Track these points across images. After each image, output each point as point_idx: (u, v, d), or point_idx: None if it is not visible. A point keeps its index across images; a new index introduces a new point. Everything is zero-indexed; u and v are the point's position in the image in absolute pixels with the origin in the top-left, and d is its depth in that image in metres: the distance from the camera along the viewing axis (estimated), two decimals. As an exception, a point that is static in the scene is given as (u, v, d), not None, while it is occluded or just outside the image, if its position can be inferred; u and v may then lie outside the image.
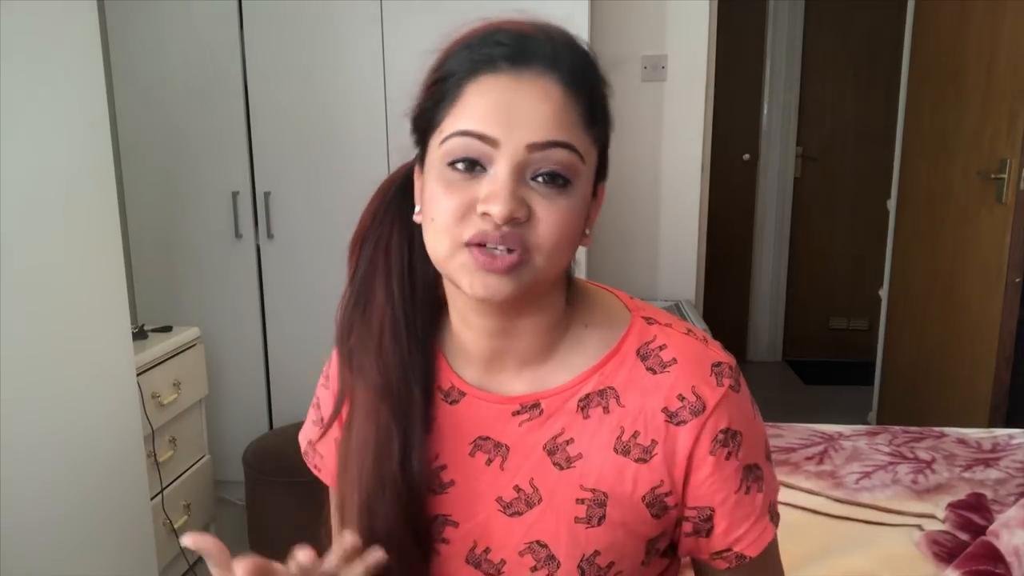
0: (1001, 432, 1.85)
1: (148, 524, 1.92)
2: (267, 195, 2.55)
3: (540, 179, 0.67)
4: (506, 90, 0.66)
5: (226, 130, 2.53)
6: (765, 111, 4.06)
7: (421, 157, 0.73)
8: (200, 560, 2.40)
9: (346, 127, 2.50)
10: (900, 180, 3.03)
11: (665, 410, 0.74)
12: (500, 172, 0.65)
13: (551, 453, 0.76)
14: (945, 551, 1.39)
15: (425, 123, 0.71)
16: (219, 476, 2.58)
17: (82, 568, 1.68)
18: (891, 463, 1.68)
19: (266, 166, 2.54)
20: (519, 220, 0.66)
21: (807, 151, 4.09)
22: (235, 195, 2.56)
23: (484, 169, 0.67)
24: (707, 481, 0.75)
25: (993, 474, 1.63)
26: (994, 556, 1.35)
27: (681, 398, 0.74)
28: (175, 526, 2.20)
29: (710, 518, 0.76)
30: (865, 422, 3.21)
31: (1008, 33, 2.33)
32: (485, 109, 0.66)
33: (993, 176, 2.35)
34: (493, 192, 0.65)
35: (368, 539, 0.73)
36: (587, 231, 0.74)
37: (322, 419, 0.87)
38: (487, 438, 0.78)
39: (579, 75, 0.68)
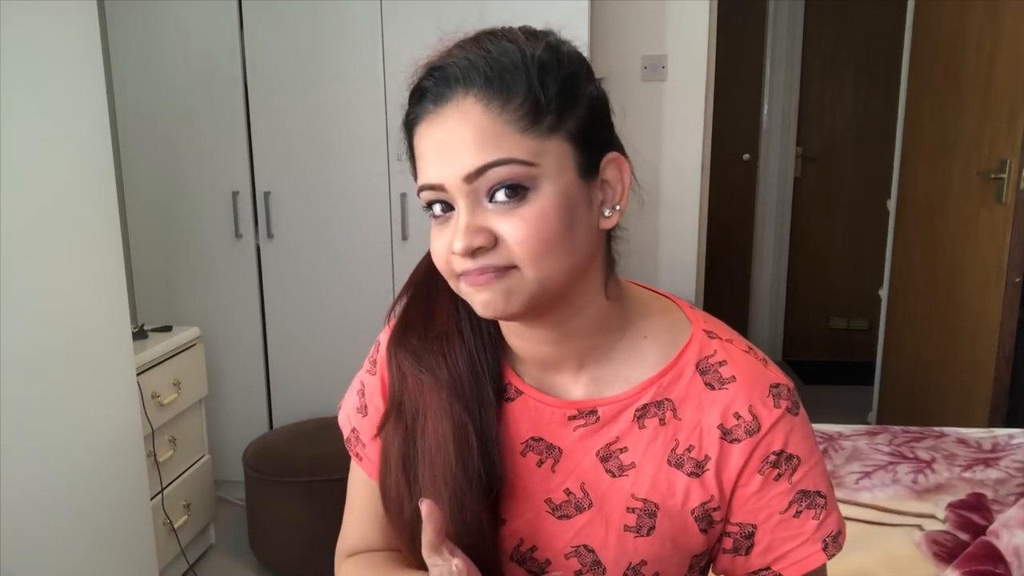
0: (1001, 432, 1.85)
1: (148, 524, 1.92)
2: (267, 195, 2.55)
3: (494, 201, 0.66)
4: (434, 132, 0.68)
5: (226, 130, 2.53)
6: (765, 111, 4.06)
7: None
8: (200, 560, 2.39)
9: (346, 127, 2.50)
10: (900, 180, 3.03)
11: (721, 427, 0.75)
12: (459, 209, 0.67)
13: (604, 460, 0.77)
14: (945, 551, 1.39)
15: (412, 164, 0.74)
16: (219, 476, 2.58)
17: (82, 567, 1.68)
18: (891, 463, 1.68)
19: (266, 166, 2.54)
20: (485, 248, 0.66)
21: (807, 151, 4.08)
22: (235, 195, 2.56)
23: (454, 208, 0.68)
24: (752, 499, 0.75)
25: (993, 474, 1.63)
26: (994, 556, 1.35)
27: (737, 416, 0.74)
28: (175, 526, 2.19)
29: (751, 535, 0.76)
30: (865, 422, 3.21)
31: (1008, 33, 2.33)
32: (426, 157, 0.69)
33: (993, 176, 2.35)
34: (455, 230, 0.67)
35: (461, 532, 0.73)
36: (606, 212, 0.71)
37: (366, 407, 0.86)
38: (540, 439, 0.78)
39: (497, 80, 0.66)
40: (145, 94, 2.53)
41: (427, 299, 0.79)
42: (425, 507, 0.68)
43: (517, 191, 0.66)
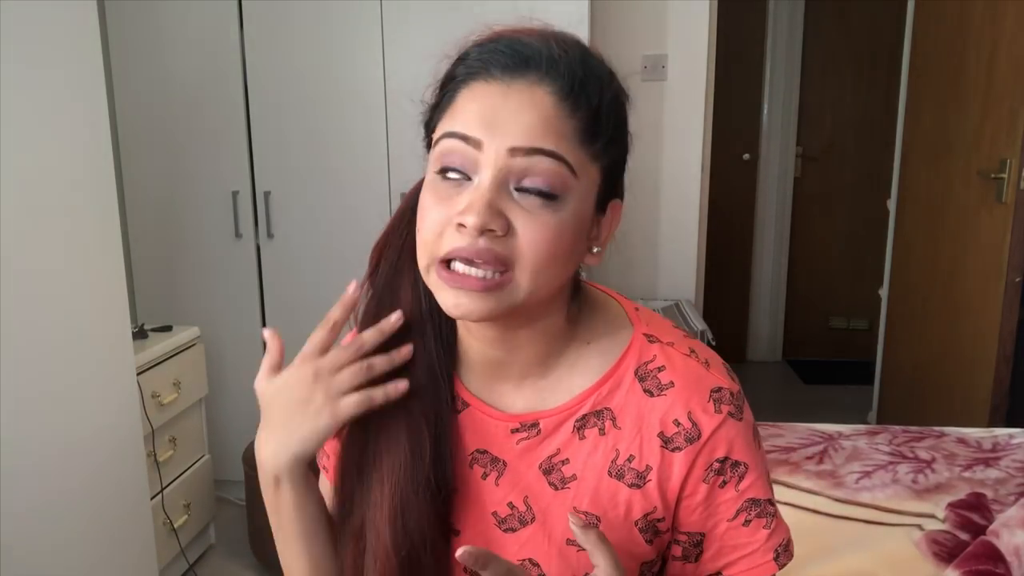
0: (1001, 432, 1.85)
1: (148, 524, 1.92)
2: (267, 195, 2.55)
3: (525, 191, 0.65)
4: (495, 96, 0.65)
5: (226, 130, 2.53)
6: (765, 111, 4.06)
7: None
8: (200, 560, 2.40)
9: (346, 127, 2.50)
10: (900, 180, 3.03)
11: (661, 435, 0.73)
12: (482, 180, 0.64)
13: (547, 473, 0.75)
14: (945, 551, 1.39)
15: (428, 127, 0.72)
16: (219, 476, 2.58)
17: (82, 567, 1.68)
18: (891, 463, 1.68)
19: (266, 166, 2.54)
20: (495, 233, 0.64)
21: (807, 151, 4.08)
22: (235, 195, 2.56)
23: (470, 179, 0.66)
24: (699, 508, 0.74)
25: (993, 474, 1.63)
26: (994, 556, 1.35)
27: (677, 423, 0.72)
28: (175, 526, 2.20)
29: (700, 543, 0.75)
30: (865, 422, 3.21)
31: (1008, 33, 2.33)
32: (472, 112, 0.66)
33: (993, 176, 2.35)
34: (471, 202, 0.64)
35: (401, 538, 0.72)
36: (594, 249, 0.72)
37: None
38: (485, 451, 0.77)
39: (579, 86, 0.66)
40: (145, 94, 2.53)
41: (388, 295, 0.77)
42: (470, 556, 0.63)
43: (543, 193, 0.65)
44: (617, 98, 0.70)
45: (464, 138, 0.65)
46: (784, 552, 0.75)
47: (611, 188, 0.72)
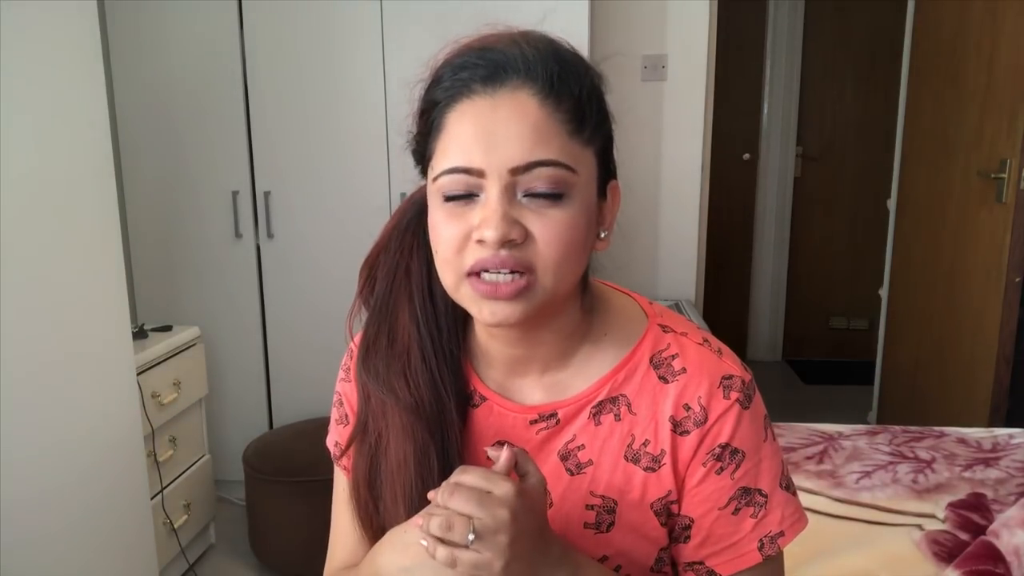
0: (1001, 432, 1.84)
1: (148, 524, 1.92)
2: (267, 195, 2.55)
3: (532, 195, 0.67)
4: (483, 114, 0.67)
5: (226, 130, 2.53)
6: (765, 111, 4.06)
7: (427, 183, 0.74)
8: (200, 560, 2.40)
9: (346, 127, 2.50)
10: (900, 180, 3.03)
11: (672, 419, 0.75)
12: (491, 197, 0.66)
13: (564, 459, 0.77)
14: (945, 551, 1.39)
15: (420, 155, 0.73)
16: (219, 476, 2.58)
17: (82, 567, 1.68)
18: (891, 463, 1.68)
19: (266, 166, 2.54)
20: (515, 242, 0.66)
21: (807, 151, 4.08)
22: (235, 195, 2.56)
23: (477, 195, 0.67)
24: (693, 491, 0.75)
25: (993, 474, 1.63)
26: (994, 556, 1.35)
27: (687, 408, 0.74)
28: (175, 526, 2.19)
29: (688, 527, 0.76)
30: (865, 422, 3.21)
31: (1008, 33, 2.33)
32: (466, 139, 0.67)
33: (993, 176, 2.35)
34: (485, 217, 0.66)
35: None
36: (602, 234, 0.74)
37: (346, 416, 0.86)
38: (505, 443, 0.78)
39: (558, 81, 0.68)
40: (145, 94, 2.53)
41: (387, 315, 0.78)
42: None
43: (550, 196, 0.67)
44: (594, 82, 0.72)
45: (466, 171, 0.67)
46: (770, 543, 0.76)
47: (607, 169, 0.74)
